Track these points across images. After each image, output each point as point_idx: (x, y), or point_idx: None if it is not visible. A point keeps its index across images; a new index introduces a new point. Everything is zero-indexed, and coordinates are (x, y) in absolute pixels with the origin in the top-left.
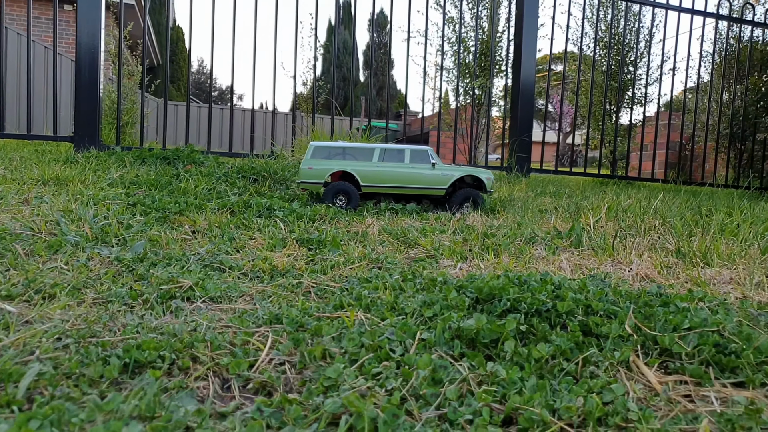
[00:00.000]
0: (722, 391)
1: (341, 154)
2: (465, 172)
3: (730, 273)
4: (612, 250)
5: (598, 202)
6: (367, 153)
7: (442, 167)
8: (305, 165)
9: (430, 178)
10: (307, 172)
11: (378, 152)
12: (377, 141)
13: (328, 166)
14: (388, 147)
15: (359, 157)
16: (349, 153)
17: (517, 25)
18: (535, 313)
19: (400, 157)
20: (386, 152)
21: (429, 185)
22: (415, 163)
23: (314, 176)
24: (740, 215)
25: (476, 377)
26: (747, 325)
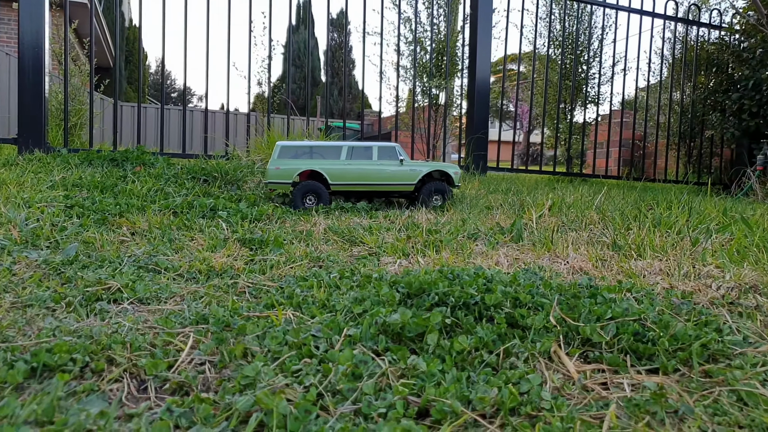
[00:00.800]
0: (636, 377)
1: (308, 153)
2: (433, 168)
3: (660, 264)
4: (551, 245)
5: (543, 198)
6: (334, 151)
7: (410, 163)
8: (272, 165)
9: (398, 174)
10: (275, 173)
11: (346, 150)
12: (338, 140)
13: (295, 165)
14: (356, 145)
15: (327, 155)
16: (317, 152)
17: (472, 25)
18: (463, 306)
19: (368, 155)
20: (354, 150)
21: (398, 181)
22: (383, 160)
23: (282, 176)
24: (678, 209)
25: (396, 371)
26: (668, 314)
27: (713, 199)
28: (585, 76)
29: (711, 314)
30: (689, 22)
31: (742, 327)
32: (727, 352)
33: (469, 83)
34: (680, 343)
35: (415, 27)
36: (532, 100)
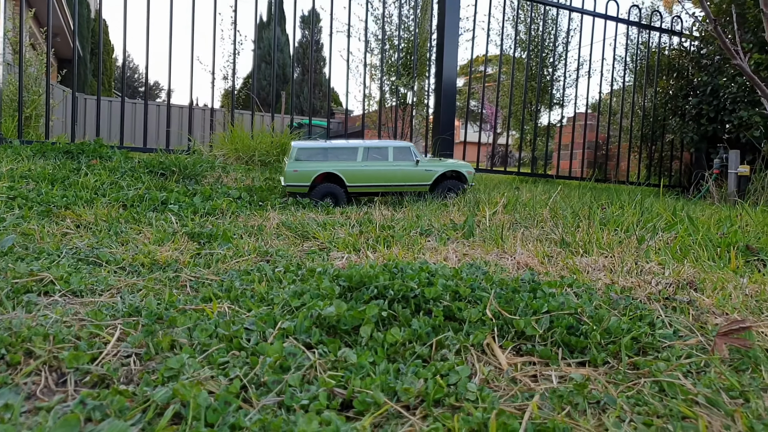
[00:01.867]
0: (565, 370)
1: (324, 154)
2: (447, 168)
3: (605, 261)
4: (500, 241)
5: (498, 197)
6: (350, 152)
7: (425, 163)
8: (290, 167)
9: (414, 174)
10: (293, 175)
11: (362, 151)
12: (300, 138)
13: (313, 167)
14: (372, 145)
15: (343, 156)
16: (332, 153)
17: (439, 26)
18: (402, 299)
19: (384, 155)
20: (370, 151)
21: (414, 182)
22: (398, 161)
23: (300, 179)
24: (630, 209)
25: (326, 363)
26: (605, 309)
27: (665, 199)
28: (550, 78)
29: (647, 309)
30: (650, 28)
31: (674, 321)
32: (656, 345)
33: (435, 84)
34: (613, 336)
35: (382, 25)
36: (498, 101)
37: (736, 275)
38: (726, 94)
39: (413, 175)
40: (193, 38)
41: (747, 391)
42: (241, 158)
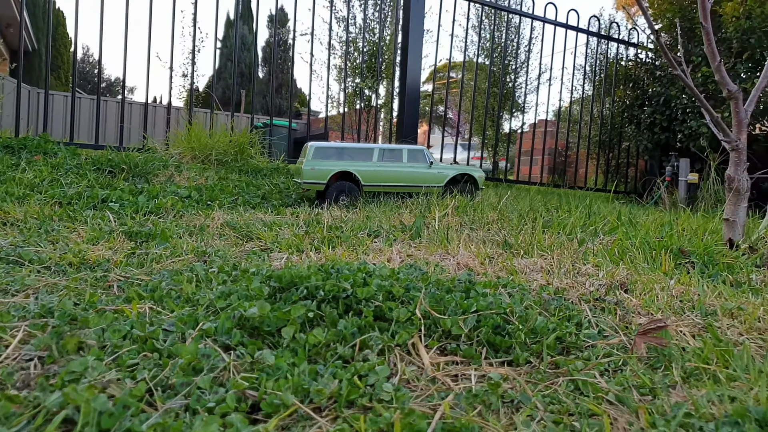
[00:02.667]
0: (487, 369)
1: (340, 154)
2: (459, 171)
3: (544, 262)
4: (446, 242)
5: (450, 199)
6: (366, 153)
7: (438, 166)
8: (307, 166)
9: (427, 176)
10: (310, 173)
11: (377, 152)
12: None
13: (330, 166)
14: (386, 147)
15: (358, 157)
16: (348, 153)
17: (404, 30)
18: (333, 299)
19: (398, 157)
20: (385, 152)
21: (426, 183)
22: (412, 162)
23: (317, 177)
24: (576, 211)
25: (242, 365)
26: (535, 309)
27: (613, 204)
28: (512, 85)
29: (576, 309)
30: (608, 39)
31: (601, 321)
32: (580, 344)
33: (399, 87)
34: (538, 336)
35: (346, 26)
36: (460, 107)
37: (666, 277)
38: (677, 105)
39: (426, 176)
40: (150, 33)
41: (656, 388)
42: (197, 157)
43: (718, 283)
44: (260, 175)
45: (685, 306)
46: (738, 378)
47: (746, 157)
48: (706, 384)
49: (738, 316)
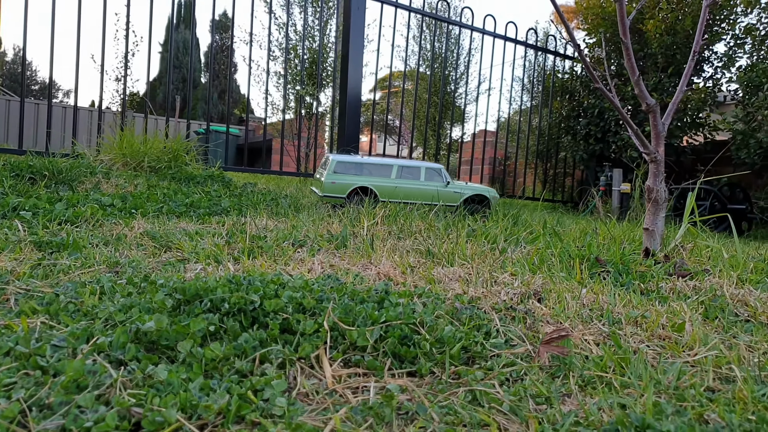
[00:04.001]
0: (389, 381)
1: (360, 168)
2: (474, 191)
3: (463, 271)
4: (371, 251)
5: (380, 208)
6: (385, 169)
7: (454, 185)
8: (328, 179)
9: (443, 195)
10: (331, 186)
11: (396, 169)
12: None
13: (350, 181)
14: (405, 164)
15: (377, 173)
16: (368, 168)
17: (344, 38)
18: (239, 312)
19: (416, 175)
20: (403, 169)
21: (443, 202)
22: (429, 181)
23: (337, 190)
24: (504, 220)
25: (131, 381)
26: (447, 318)
27: (540, 213)
28: (453, 94)
29: (487, 318)
30: (545, 51)
31: (510, 330)
32: (485, 354)
33: (340, 96)
34: (445, 346)
35: (286, 32)
36: (402, 115)
37: (580, 286)
38: (610, 117)
39: (442, 195)
40: (79, 34)
41: (552, 397)
42: (129, 164)
43: (630, 292)
44: (193, 182)
45: (593, 314)
46: (632, 385)
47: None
48: (601, 392)
49: (642, 323)
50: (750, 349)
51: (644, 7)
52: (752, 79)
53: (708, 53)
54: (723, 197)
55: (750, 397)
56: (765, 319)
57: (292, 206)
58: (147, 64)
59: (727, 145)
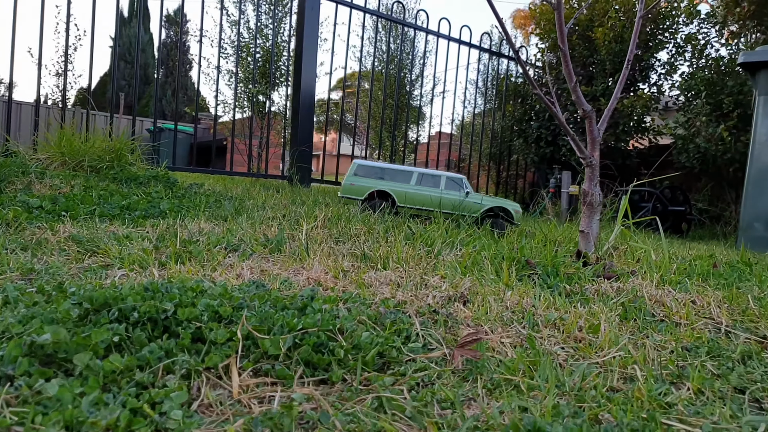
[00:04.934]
0: (298, 390)
1: (381, 173)
2: (495, 204)
3: (396, 275)
4: (306, 255)
5: (321, 210)
6: (405, 176)
7: (474, 196)
8: (348, 181)
9: (463, 205)
10: (350, 188)
11: (416, 176)
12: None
13: (368, 184)
14: (425, 172)
15: (398, 178)
16: (389, 174)
17: (298, 37)
18: (150, 321)
19: (436, 183)
20: (423, 177)
21: (461, 212)
22: (449, 190)
23: (355, 192)
24: (443, 224)
25: (18, 398)
26: (369, 324)
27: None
28: (408, 96)
29: (409, 323)
30: (498, 55)
31: (430, 334)
32: (401, 359)
33: (293, 95)
34: (362, 351)
35: (238, 30)
36: (357, 115)
37: (507, 288)
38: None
39: (462, 205)
40: (15, 26)
41: (457, 401)
42: (67, 163)
43: (555, 294)
44: (135, 183)
45: (515, 317)
46: (538, 387)
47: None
48: (507, 395)
49: (560, 326)
50: (659, 348)
51: (594, 15)
52: (691, 86)
53: (653, 61)
54: (665, 199)
55: (647, 395)
56: (678, 318)
57: (235, 208)
58: (90, 58)
59: (669, 149)
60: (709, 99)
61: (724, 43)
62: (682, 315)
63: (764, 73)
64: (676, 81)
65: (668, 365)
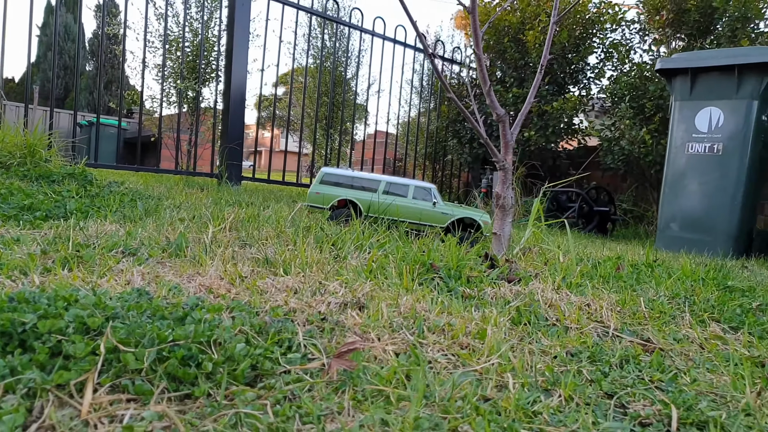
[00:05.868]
0: (155, 407)
1: (350, 181)
2: (464, 215)
3: (295, 280)
4: (206, 260)
5: (230, 211)
6: (373, 184)
7: (442, 206)
8: (313, 189)
9: (430, 215)
10: (314, 197)
11: (383, 185)
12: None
13: (334, 192)
14: (394, 181)
15: (365, 187)
16: (357, 181)
17: (229, 32)
18: (3, 335)
19: (404, 192)
20: (391, 185)
21: (428, 222)
22: (417, 200)
23: (320, 201)
24: (362, 224)
25: None
26: (251, 334)
27: None
28: (342, 95)
29: (293, 331)
30: (432, 56)
31: (313, 344)
32: (275, 370)
33: (224, 92)
34: (236, 364)
35: (165, 23)
36: (290, 111)
37: (407, 292)
38: (493, 122)
39: (429, 215)
40: None
41: (321, 415)
42: None
43: (453, 298)
44: (47, 181)
45: (406, 323)
46: (408, 398)
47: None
48: (375, 407)
49: (449, 331)
50: (543, 353)
51: (525, 18)
52: (616, 90)
53: (582, 64)
54: (590, 200)
55: (514, 404)
56: (570, 323)
57: (147, 209)
58: (0, 47)
59: (597, 150)
60: (632, 103)
61: (647, 50)
62: (573, 319)
63: (680, 80)
64: (604, 85)
65: (546, 371)
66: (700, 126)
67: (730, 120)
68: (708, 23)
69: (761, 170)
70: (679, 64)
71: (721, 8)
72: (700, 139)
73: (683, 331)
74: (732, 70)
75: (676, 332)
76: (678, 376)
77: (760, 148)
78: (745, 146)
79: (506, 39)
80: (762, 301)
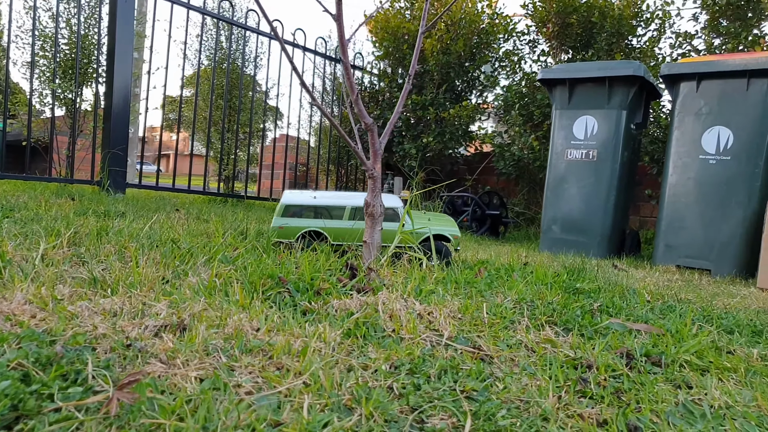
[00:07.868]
0: None
1: (313, 209)
2: (434, 232)
3: (120, 301)
4: (19, 282)
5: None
6: (338, 211)
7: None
8: (276, 224)
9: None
10: (280, 232)
11: (348, 211)
12: None
13: (298, 224)
14: (360, 205)
15: (330, 214)
16: (321, 210)
17: (110, 31)
18: None
19: None
20: (357, 210)
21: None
22: (386, 221)
23: (285, 235)
24: (223, 238)
25: None
26: (31, 369)
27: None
28: (239, 98)
29: (85, 361)
30: (333, 60)
31: (105, 375)
32: (43, 409)
33: (106, 93)
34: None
35: (34, 19)
36: (180, 117)
37: (243, 310)
38: (394, 128)
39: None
40: None
41: None
42: None
43: (292, 314)
44: None
45: (226, 345)
46: (187, 430)
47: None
48: None
49: (269, 351)
50: (365, 368)
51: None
52: (508, 98)
53: (478, 73)
54: (483, 204)
55: (306, 427)
56: (404, 333)
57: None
58: None
59: (491, 156)
60: (522, 111)
61: (536, 60)
62: (409, 329)
63: (559, 90)
64: (498, 93)
65: (355, 389)
66: (577, 133)
67: (603, 128)
68: (589, 37)
69: (630, 174)
70: (558, 75)
71: (599, 24)
72: (578, 146)
73: (518, 336)
74: (603, 81)
75: (510, 338)
76: (492, 385)
77: (629, 154)
78: (615, 153)
79: (405, 46)
80: (603, 302)
